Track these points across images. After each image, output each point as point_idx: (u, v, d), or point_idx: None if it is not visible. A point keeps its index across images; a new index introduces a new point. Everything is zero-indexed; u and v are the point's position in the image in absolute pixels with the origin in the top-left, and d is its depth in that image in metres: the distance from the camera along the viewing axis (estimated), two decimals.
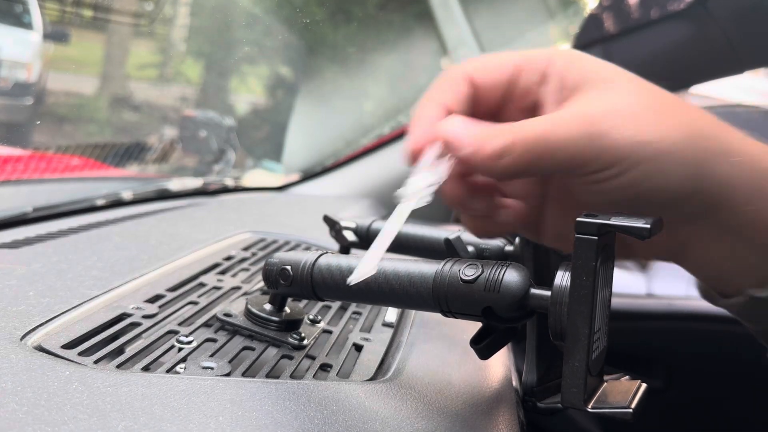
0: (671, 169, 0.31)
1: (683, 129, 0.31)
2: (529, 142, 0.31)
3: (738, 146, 0.32)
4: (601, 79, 0.33)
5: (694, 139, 0.31)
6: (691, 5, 1.07)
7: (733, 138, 0.32)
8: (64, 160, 1.00)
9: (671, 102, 0.32)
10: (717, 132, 0.32)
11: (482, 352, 0.37)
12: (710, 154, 0.31)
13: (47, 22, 1.25)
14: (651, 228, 0.29)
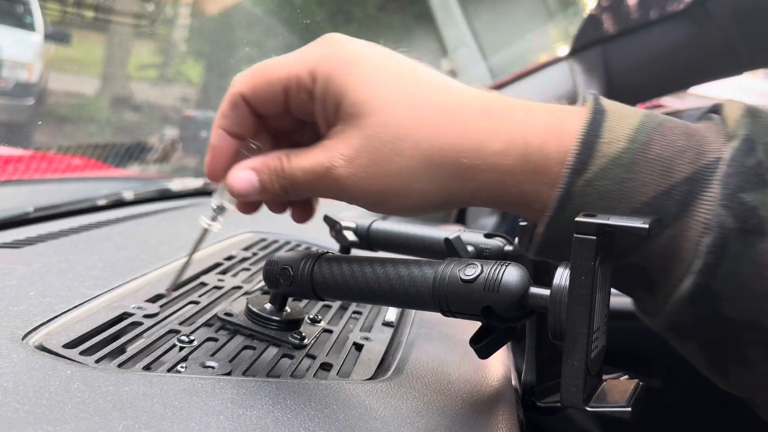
0: (409, 201, 0.35)
1: (413, 168, 0.34)
2: (286, 183, 0.37)
3: (482, 158, 0.34)
4: (351, 115, 0.35)
5: (431, 170, 0.34)
6: (690, 5, 1.07)
7: (478, 152, 0.34)
8: (65, 160, 1.00)
9: (410, 136, 0.34)
10: (457, 154, 0.34)
11: (482, 352, 0.37)
12: (451, 179, 0.34)
13: (48, 23, 1.25)
14: (650, 228, 0.29)
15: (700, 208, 0.31)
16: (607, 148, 0.32)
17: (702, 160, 0.31)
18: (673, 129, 0.33)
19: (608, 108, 0.33)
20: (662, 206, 0.31)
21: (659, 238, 0.32)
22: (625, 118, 0.33)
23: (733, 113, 0.33)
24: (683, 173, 0.31)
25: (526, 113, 0.34)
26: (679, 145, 0.32)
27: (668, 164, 0.32)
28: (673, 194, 0.31)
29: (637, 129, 0.32)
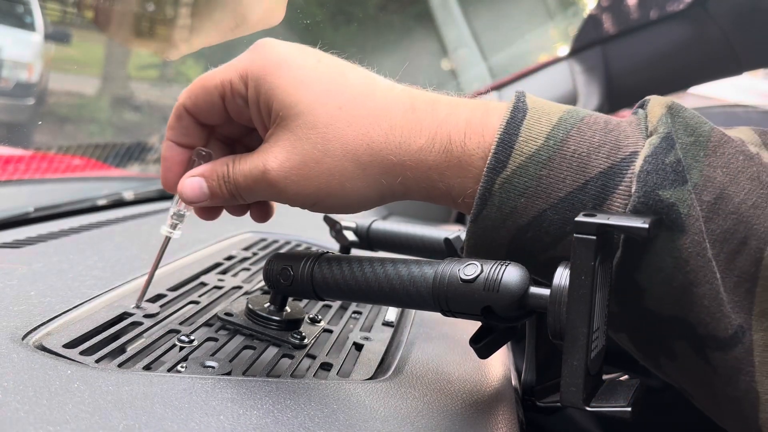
0: (345, 200, 0.36)
1: (344, 168, 0.35)
2: (232, 187, 0.38)
3: (408, 154, 0.35)
4: (281, 117, 0.36)
5: (361, 169, 0.35)
6: (690, 5, 1.07)
7: (404, 149, 0.35)
8: (65, 160, 1.00)
9: (338, 136, 0.35)
10: (384, 152, 0.35)
11: (482, 352, 0.37)
12: (382, 176, 0.35)
13: (48, 23, 1.25)
14: (650, 227, 0.29)
15: (615, 202, 0.32)
16: (525, 145, 0.33)
17: (618, 154, 0.32)
18: (592, 125, 0.33)
19: (530, 105, 0.34)
20: (578, 201, 0.32)
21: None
22: (546, 115, 0.34)
23: (655, 110, 0.33)
24: (598, 168, 0.32)
25: (451, 109, 0.35)
26: (596, 141, 0.33)
27: (584, 160, 0.32)
28: (588, 189, 0.32)
29: (555, 126, 0.33)
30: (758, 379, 0.31)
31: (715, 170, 0.31)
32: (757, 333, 0.31)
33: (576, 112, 0.34)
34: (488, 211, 0.34)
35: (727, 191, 0.31)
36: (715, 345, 0.31)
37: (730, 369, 0.32)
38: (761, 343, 0.31)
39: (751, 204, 0.31)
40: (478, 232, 0.35)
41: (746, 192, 0.31)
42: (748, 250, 0.31)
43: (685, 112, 0.33)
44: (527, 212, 0.33)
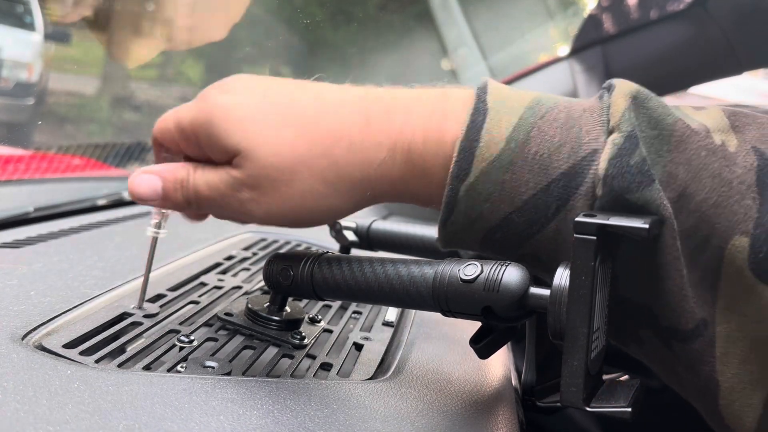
0: (320, 216, 0.37)
1: (314, 190, 0.36)
2: (191, 195, 0.38)
3: (371, 169, 0.35)
4: (241, 152, 0.36)
5: (331, 187, 0.36)
6: (690, 5, 1.07)
7: (367, 165, 0.35)
8: (65, 159, 1.00)
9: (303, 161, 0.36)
10: (349, 169, 0.35)
11: (482, 352, 0.37)
12: (352, 191, 0.36)
13: (48, 23, 1.25)
14: (650, 227, 0.29)
15: (578, 203, 0.32)
16: (486, 151, 0.33)
17: (579, 153, 0.32)
18: (552, 122, 0.33)
19: (491, 106, 0.34)
20: (542, 203, 0.32)
21: (545, 230, 0.33)
22: (506, 115, 0.33)
23: (618, 101, 0.32)
24: (560, 169, 0.32)
25: (406, 116, 0.35)
26: (557, 141, 0.32)
27: (545, 161, 0.32)
28: (551, 190, 0.32)
29: (515, 127, 0.33)
30: (719, 369, 0.32)
31: (678, 167, 0.31)
32: (721, 325, 0.31)
33: (537, 106, 0.34)
34: (455, 216, 0.34)
35: (689, 189, 0.31)
36: (677, 336, 0.32)
37: (691, 359, 0.32)
38: (724, 335, 0.31)
39: (712, 203, 0.31)
40: (449, 235, 0.35)
41: (707, 190, 0.31)
42: (710, 248, 0.31)
43: (649, 102, 0.32)
44: (493, 216, 0.34)
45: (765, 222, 0.30)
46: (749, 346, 0.31)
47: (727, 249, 0.30)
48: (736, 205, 0.31)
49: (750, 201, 0.30)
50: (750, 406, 0.31)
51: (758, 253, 0.30)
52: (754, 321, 0.31)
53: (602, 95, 0.34)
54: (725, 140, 0.32)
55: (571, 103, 0.34)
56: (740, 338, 0.31)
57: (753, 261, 0.30)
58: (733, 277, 0.31)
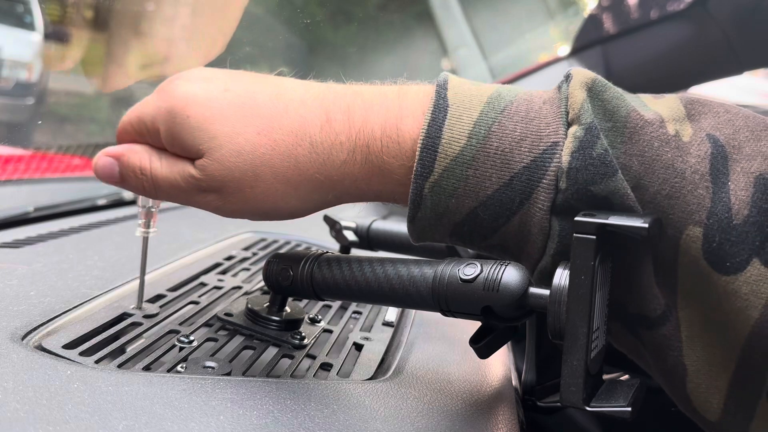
0: (283, 214, 0.37)
1: (276, 190, 0.36)
2: (149, 185, 0.38)
3: (332, 170, 0.35)
4: (205, 151, 0.36)
5: (293, 188, 0.36)
6: (691, 5, 1.07)
7: (329, 166, 0.35)
8: (65, 159, 1.00)
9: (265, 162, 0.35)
10: (311, 171, 0.35)
11: (482, 351, 0.37)
12: (314, 193, 0.36)
13: (48, 22, 1.25)
14: (650, 227, 0.29)
15: (540, 195, 0.32)
16: (449, 147, 0.33)
17: (540, 146, 0.32)
18: (513, 116, 0.33)
19: (451, 101, 0.34)
20: (506, 197, 0.33)
21: (510, 222, 0.33)
22: (467, 110, 0.33)
23: (576, 93, 0.33)
24: (522, 163, 0.32)
25: (366, 113, 0.35)
26: (518, 134, 0.33)
27: (507, 156, 0.33)
28: (514, 184, 0.32)
29: (476, 122, 0.33)
30: (686, 353, 0.32)
31: (631, 158, 0.32)
32: (683, 311, 0.32)
33: (498, 100, 0.34)
34: (422, 213, 0.34)
35: (643, 181, 0.31)
36: (644, 324, 0.33)
37: (658, 345, 0.33)
38: (687, 319, 0.32)
39: (665, 194, 0.31)
40: (418, 230, 0.36)
41: (660, 182, 0.31)
42: (666, 238, 0.31)
43: (605, 93, 0.33)
44: (460, 211, 0.34)
45: (717, 211, 0.30)
46: (712, 330, 0.32)
47: (681, 239, 0.31)
48: (689, 195, 0.31)
49: (703, 191, 0.31)
50: (716, 387, 0.32)
51: (711, 243, 0.30)
52: (713, 308, 0.31)
53: (561, 85, 0.34)
54: (679, 130, 0.32)
55: (530, 95, 0.34)
56: (702, 322, 0.32)
57: (707, 251, 0.30)
58: (690, 266, 0.31)
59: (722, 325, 0.31)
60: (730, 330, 0.31)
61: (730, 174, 0.31)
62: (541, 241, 0.33)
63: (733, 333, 0.31)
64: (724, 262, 0.30)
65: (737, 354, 0.31)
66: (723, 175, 0.31)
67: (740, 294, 0.30)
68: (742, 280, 0.30)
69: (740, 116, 0.33)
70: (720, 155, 0.31)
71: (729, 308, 0.30)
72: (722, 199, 0.30)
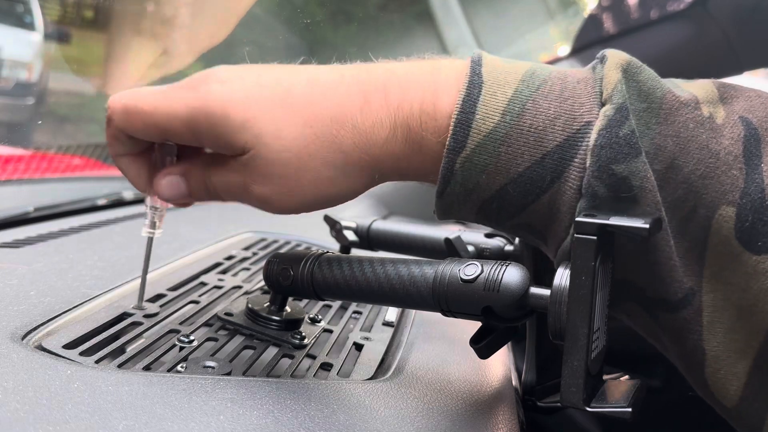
0: (333, 200, 0.37)
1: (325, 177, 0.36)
2: (212, 191, 0.39)
3: (377, 149, 0.35)
4: (249, 148, 0.36)
5: (341, 173, 0.36)
6: (691, 5, 1.07)
7: (372, 145, 0.35)
8: (65, 159, 1.00)
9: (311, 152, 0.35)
10: (357, 153, 0.35)
11: (482, 352, 0.37)
12: (361, 173, 0.36)
13: (48, 22, 1.25)
14: (650, 228, 0.29)
15: (572, 174, 0.32)
16: (482, 123, 0.33)
17: (573, 125, 0.32)
18: (548, 94, 0.33)
19: (485, 78, 0.34)
20: (537, 175, 0.33)
21: (539, 200, 0.33)
22: (502, 87, 0.34)
23: (611, 74, 0.33)
24: (555, 141, 0.32)
25: (403, 93, 0.35)
26: (552, 113, 0.33)
27: (540, 134, 0.33)
28: (546, 162, 0.32)
29: (510, 100, 0.33)
30: (705, 338, 0.32)
31: (666, 139, 0.32)
32: (707, 294, 0.32)
33: (532, 78, 0.34)
34: (452, 188, 0.34)
35: (677, 161, 0.32)
36: (664, 307, 0.33)
37: (677, 329, 0.33)
38: (711, 303, 0.32)
39: (699, 174, 0.31)
40: (445, 206, 0.36)
41: (695, 162, 0.31)
42: (697, 218, 0.32)
43: (640, 75, 0.33)
44: (490, 187, 0.34)
45: (751, 192, 0.31)
46: (735, 315, 0.32)
47: (714, 219, 0.31)
48: (723, 176, 0.31)
49: (737, 171, 0.31)
50: (735, 374, 0.32)
51: (744, 222, 0.31)
52: (740, 289, 0.31)
53: (595, 66, 0.34)
54: (713, 112, 0.33)
55: (564, 75, 0.34)
56: (726, 307, 0.32)
57: (739, 230, 0.31)
58: (720, 246, 0.31)
59: (747, 310, 0.31)
60: (756, 314, 0.31)
61: (762, 156, 0.31)
62: (569, 220, 0.33)
63: (758, 317, 0.31)
64: (756, 241, 0.31)
65: (760, 340, 0.31)
66: (756, 157, 0.31)
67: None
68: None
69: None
70: (753, 137, 0.32)
71: (758, 288, 0.31)
72: (755, 180, 0.31)
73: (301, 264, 0.40)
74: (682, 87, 0.34)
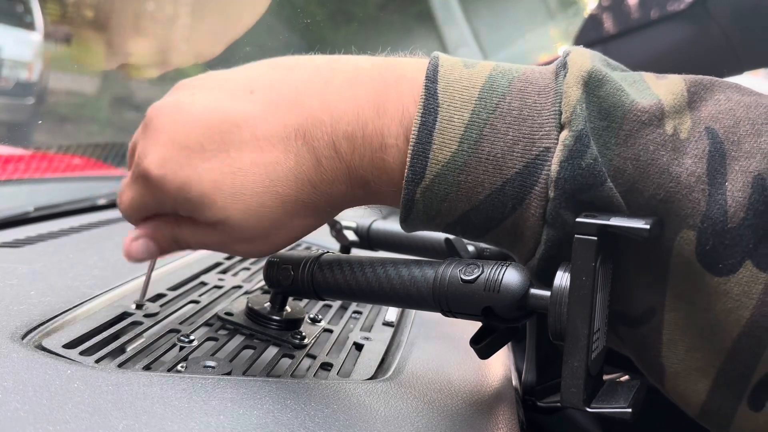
0: (293, 238, 0.39)
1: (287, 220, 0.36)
2: (183, 245, 0.39)
3: (338, 203, 0.37)
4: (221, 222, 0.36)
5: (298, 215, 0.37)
6: (691, 5, 1.07)
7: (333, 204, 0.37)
8: (65, 159, 1.00)
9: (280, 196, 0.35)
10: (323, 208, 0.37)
11: (482, 352, 0.37)
12: (322, 213, 0.37)
13: (48, 22, 1.25)
14: (651, 228, 0.29)
15: (533, 202, 0.32)
16: (439, 153, 0.32)
17: (532, 151, 0.32)
18: (506, 115, 0.32)
19: (441, 99, 0.33)
20: (498, 202, 0.32)
21: (502, 225, 0.33)
22: (458, 111, 0.32)
23: (570, 93, 0.31)
24: (514, 168, 0.32)
25: (350, 146, 0.34)
26: (510, 138, 0.32)
27: (499, 161, 0.32)
28: (506, 190, 0.32)
29: (468, 125, 0.32)
30: (665, 354, 0.32)
31: (626, 162, 0.31)
32: (670, 313, 0.32)
33: (491, 93, 0.33)
34: (414, 215, 0.34)
35: (637, 185, 0.31)
36: (624, 321, 0.33)
37: (637, 343, 0.33)
38: (673, 321, 0.32)
39: (660, 198, 0.31)
40: (411, 228, 0.36)
41: (655, 187, 0.31)
42: (660, 240, 0.31)
43: (601, 90, 0.31)
44: (452, 213, 0.34)
45: (712, 215, 0.30)
46: (697, 334, 0.31)
47: (675, 241, 0.31)
48: (684, 200, 0.30)
49: (698, 194, 0.30)
50: (695, 391, 0.32)
51: (705, 246, 0.30)
52: (703, 309, 0.31)
53: (558, 71, 0.33)
54: (678, 125, 0.31)
55: (525, 83, 0.33)
56: (688, 326, 0.32)
57: (700, 253, 0.30)
58: (682, 267, 0.31)
59: (709, 330, 0.31)
60: (717, 334, 0.31)
61: (727, 173, 0.30)
62: (533, 243, 0.33)
63: (719, 336, 0.31)
64: (717, 263, 0.30)
65: (721, 359, 0.31)
66: (720, 175, 0.30)
67: (732, 295, 0.30)
68: (734, 282, 0.30)
69: (742, 105, 0.32)
70: (718, 152, 0.31)
71: (720, 309, 0.30)
72: (718, 202, 0.30)
73: (302, 264, 0.40)
74: (652, 89, 0.32)
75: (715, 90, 0.33)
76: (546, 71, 0.34)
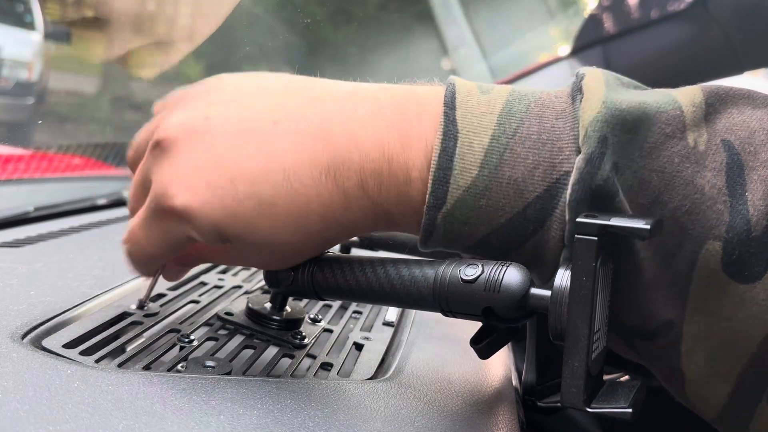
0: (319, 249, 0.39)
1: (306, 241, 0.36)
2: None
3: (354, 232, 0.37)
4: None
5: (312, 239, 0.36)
6: (691, 5, 1.07)
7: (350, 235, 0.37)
8: (65, 159, 1.00)
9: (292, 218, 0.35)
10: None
11: (482, 352, 0.37)
12: (341, 230, 0.36)
13: (48, 22, 1.25)
14: (651, 228, 0.29)
15: (554, 224, 0.32)
16: (460, 178, 0.32)
17: (553, 175, 0.32)
18: (525, 140, 0.32)
19: (461, 125, 0.33)
20: (519, 225, 0.32)
21: (523, 247, 0.33)
22: (478, 136, 0.32)
23: (586, 113, 0.31)
24: (535, 192, 0.32)
25: (377, 183, 0.34)
26: (530, 162, 0.32)
27: (520, 186, 0.32)
28: (527, 213, 0.32)
29: (488, 150, 0.32)
30: (684, 363, 0.32)
31: (651, 174, 0.31)
32: (689, 325, 0.32)
33: (509, 119, 0.32)
34: (434, 239, 0.35)
35: (662, 197, 0.31)
36: (641, 335, 0.33)
37: (655, 356, 0.34)
38: (692, 334, 0.32)
39: (685, 210, 0.31)
40: (428, 253, 0.36)
41: (680, 198, 0.31)
42: (683, 253, 0.31)
43: (623, 104, 0.31)
44: (472, 237, 0.34)
45: (736, 225, 0.30)
46: (718, 344, 0.32)
47: (701, 253, 0.31)
48: (708, 210, 0.31)
49: (721, 205, 0.31)
50: (715, 395, 0.32)
51: (731, 255, 0.30)
52: (725, 318, 0.31)
53: (575, 95, 0.33)
54: (697, 138, 0.32)
55: (542, 108, 0.33)
56: (708, 337, 0.32)
57: (726, 263, 0.30)
58: (706, 278, 0.31)
59: (730, 338, 0.31)
60: (740, 341, 0.31)
61: (747, 183, 0.31)
62: (553, 265, 0.33)
63: (742, 344, 0.31)
64: (743, 272, 0.30)
65: (743, 364, 0.31)
66: (740, 186, 0.31)
67: (757, 300, 0.30)
68: (759, 288, 0.30)
69: (755, 118, 0.32)
70: (736, 164, 0.31)
71: (743, 315, 0.30)
72: (740, 212, 0.30)
73: (302, 264, 0.40)
74: (674, 96, 0.32)
75: (728, 102, 0.33)
76: (561, 94, 0.34)
